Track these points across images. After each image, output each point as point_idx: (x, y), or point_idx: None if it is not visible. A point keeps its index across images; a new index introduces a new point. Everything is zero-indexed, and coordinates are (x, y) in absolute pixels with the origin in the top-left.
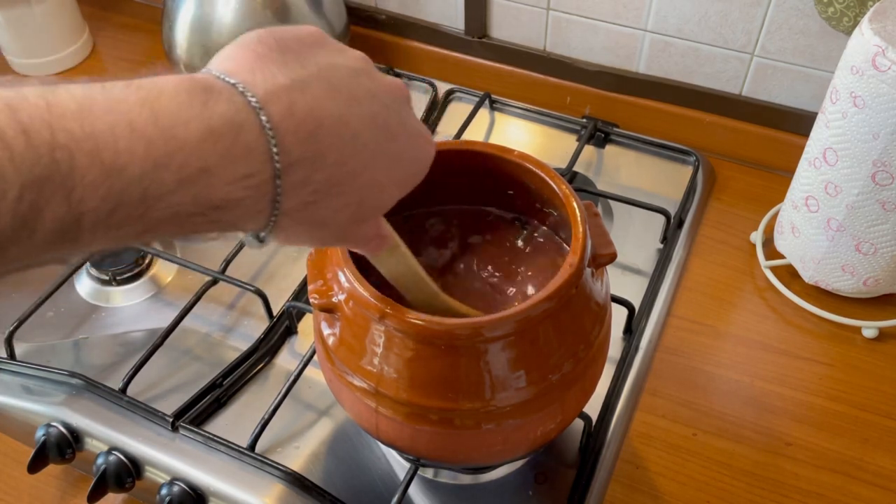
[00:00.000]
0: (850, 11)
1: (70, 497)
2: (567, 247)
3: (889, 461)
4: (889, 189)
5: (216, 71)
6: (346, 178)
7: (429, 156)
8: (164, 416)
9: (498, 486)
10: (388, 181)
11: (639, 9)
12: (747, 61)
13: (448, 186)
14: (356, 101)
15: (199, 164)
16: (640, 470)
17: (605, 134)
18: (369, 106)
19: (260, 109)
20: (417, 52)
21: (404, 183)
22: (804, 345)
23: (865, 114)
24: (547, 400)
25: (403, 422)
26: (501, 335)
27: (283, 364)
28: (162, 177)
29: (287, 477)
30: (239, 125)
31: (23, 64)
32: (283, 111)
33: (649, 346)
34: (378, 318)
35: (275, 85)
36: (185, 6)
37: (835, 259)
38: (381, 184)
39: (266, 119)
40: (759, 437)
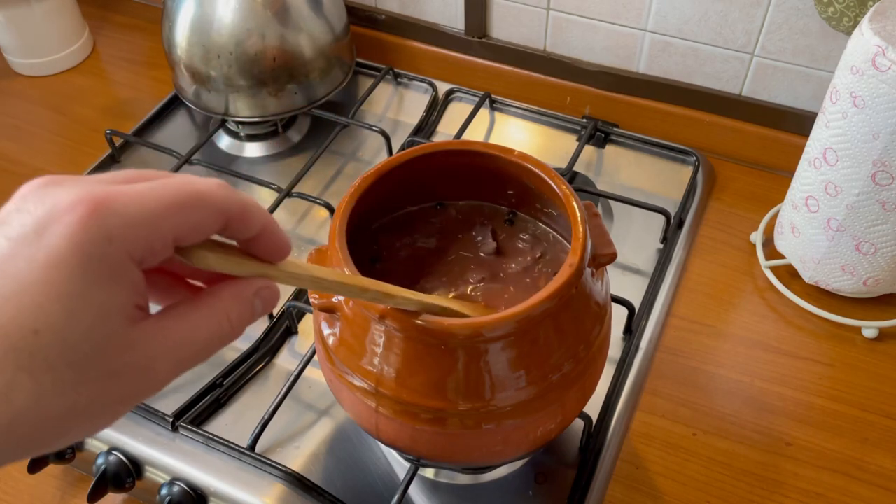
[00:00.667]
0: (850, 11)
1: (70, 497)
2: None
3: (889, 461)
4: (889, 189)
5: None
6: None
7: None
8: (164, 416)
9: (498, 486)
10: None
11: (639, 9)
12: (747, 61)
13: (448, 186)
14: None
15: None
16: (640, 470)
17: (605, 134)
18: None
19: None
20: (417, 52)
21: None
22: (804, 345)
23: (865, 114)
24: (547, 400)
25: (403, 422)
26: (501, 335)
27: (283, 364)
28: None
29: (287, 477)
30: None
31: (23, 64)
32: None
33: (649, 346)
34: (378, 318)
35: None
36: (185, 6)
37: (835, 259)
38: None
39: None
40: (759, 437)
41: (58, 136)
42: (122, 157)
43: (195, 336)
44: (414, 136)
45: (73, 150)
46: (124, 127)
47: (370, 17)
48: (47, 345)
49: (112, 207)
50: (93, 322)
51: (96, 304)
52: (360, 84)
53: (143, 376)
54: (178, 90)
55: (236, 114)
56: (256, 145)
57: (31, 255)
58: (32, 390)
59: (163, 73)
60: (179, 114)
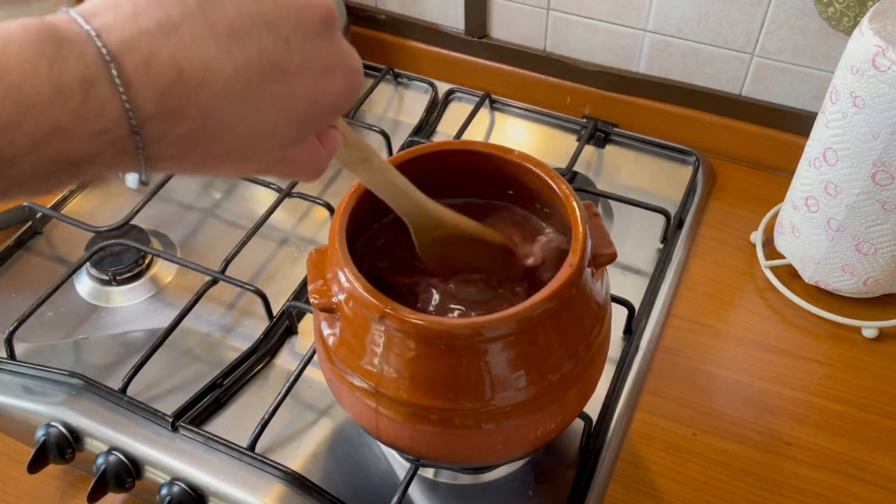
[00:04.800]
0: (850, 11)
1: (70, 497)
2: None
3: (889, 461)
4: (889, 189)
5: (76, 11)
6: (212, 130)
7: (345, 87)
8: (164, 416)
9: (498, 486)
10: (281, 123)
11: (639, 9)
12: (747, 61)
13: (448, 186)
14: (237, 39)
15: (52, 125)
16: (640, 470)
17: (605, 134)
18: (257, 42)
19: (111, 62)
20: (417, 52)
21: (313, 120)
22: (804, 345)
23: (865, 114)
24: (547, 400)
25: (403, 422)
26: (501, 335)
27: (283, 364)
28: (15, 138)
29: (287, 477)
30: (90, 81)
31: None
32: (138, 63)
33: (649, 346)
34: (378, 318)
35: (135, 29)
36: None
37: (835, 259)
38: (270, 129)
39: (117, 74)
40: (759, 437)
41: None
42: None
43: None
44: (414, 136)
45: None
46: None
47: (370, 17)
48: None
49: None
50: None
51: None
52: None
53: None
54: None
55: None
56: None
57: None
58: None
59: None
60: None
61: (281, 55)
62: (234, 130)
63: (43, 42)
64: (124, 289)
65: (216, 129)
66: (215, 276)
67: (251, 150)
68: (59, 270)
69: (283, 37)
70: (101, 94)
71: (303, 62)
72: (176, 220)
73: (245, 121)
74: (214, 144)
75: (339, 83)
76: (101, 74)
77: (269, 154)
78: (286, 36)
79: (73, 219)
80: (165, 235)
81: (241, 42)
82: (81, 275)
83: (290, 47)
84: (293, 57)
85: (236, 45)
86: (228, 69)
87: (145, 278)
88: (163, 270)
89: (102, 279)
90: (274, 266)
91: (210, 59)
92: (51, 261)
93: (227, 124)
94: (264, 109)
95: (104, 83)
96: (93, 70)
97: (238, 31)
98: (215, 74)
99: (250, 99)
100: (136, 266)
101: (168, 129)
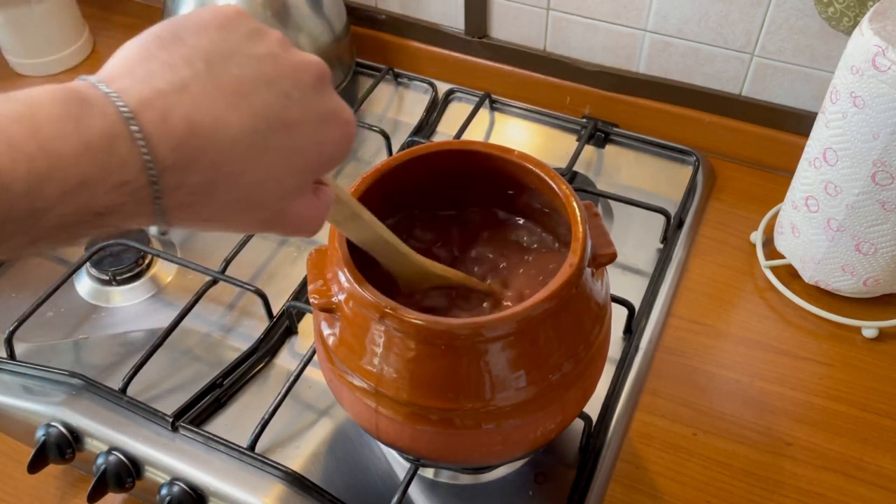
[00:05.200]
0: (850, 11)
1: (70, 497)
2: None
3: (889, 461)
4: (889, 189)
5: (95, 78)
6: (224, 180)
7: (341, 137)
8: (164, 416)
9: (498, 486)
10: (285, 173)
11: (639, 9)
12: (747, 61)
13: (448, 186)
14: (243, 95)
15: (79, 178)
16: (640, 470)
17: (605, 134)
18: (260, 98)
19: (131, 119)
20: (417, 52)
21: (312, 169)
22: (804, 345)
23: (865, 114)
24: (547, 400)
25: (403, 422)
26: (501, 335)
27: (283, 364)
28: (46, 191)
29: (287, 477)
30: (113, 137)
31: (23, 64)
32: (155, 119)
33: (649, 346)
34: (378, 318)
35: (151, 90)
36: (185, 6)
37: (835, 259)
38: (275, 177)
39: (137, 129)
40: (759, 437)
41: None
42: None
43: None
44: (414, 136)
45: None
46: None
47: (370, 17)
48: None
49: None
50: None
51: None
52: (360, 84)
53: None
54: None
55: None
56: None
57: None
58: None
59: None
60: None
61: (282, 108)
62: (243, 178)
63: (69, 103)
64: (124, 289)
65: (226, 177)
66: (215, 276)
67: (258, 197)
68: (59, 270)
69: (283, 92)
70: (122, 148)
71: (302, 114)
72: None
73: (252, 169)
74: (225, 192)
75: (335, 133)
76: (122, 131)
77: (274, 203)
78: (286, 91)
79: None
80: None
81: (246, 98)
82: (81, 275)
83: (290, 101)
84: (293, 110)
85: (242, 101)
86: (236, 122)
87: (145, 278)
88: (163, 270)
89: (102, 279)
90: (274, 266)
91: (219, 113)
92: (51, 261)
93: (237, 173)
94: (269, 158)
95: (125, 139)
96: (115, 127)
97: (243, 89)
98: (224, 127)
99: (256, 149)
100: (136, 266)
101: (183, 179)
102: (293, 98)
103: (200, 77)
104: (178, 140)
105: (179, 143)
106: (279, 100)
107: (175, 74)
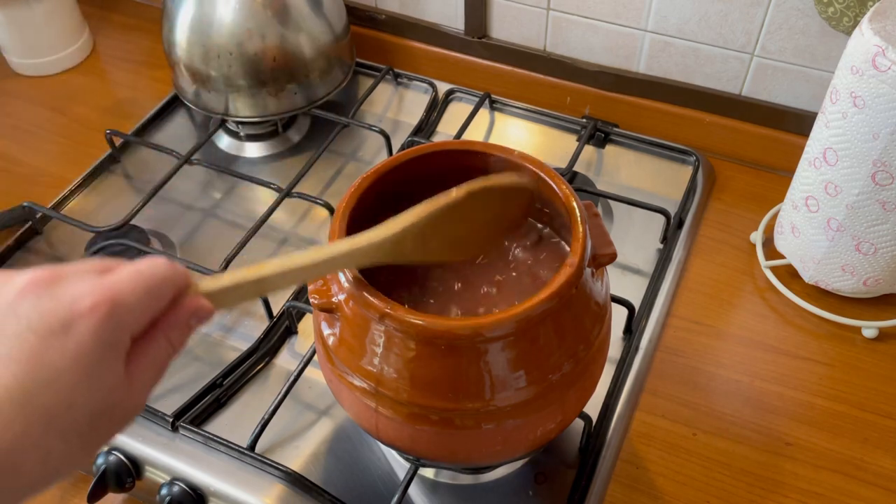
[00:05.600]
0: (850, 11)
1: (70, 497)
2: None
3: (889, 461)
4: (889, 189)
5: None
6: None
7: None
8: (164, 416)
9: (498, 486)
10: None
11: (639, 9)
12: (747, 61)
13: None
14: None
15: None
16: (640, 470)
17: (605, 134)
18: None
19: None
20: (417, 52)
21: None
22: (804, 345)
23: (865, 114)
24: (547, 400)
25: (403, 422)
26: (501, 335)
27: (283, 364)
28: None
29: (287, 477)
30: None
31: (23, 64)
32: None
33: (649, 346)
34: (378, 318)
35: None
36: (185, 6)
37: (835, 259)
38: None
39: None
40: (759, 437)
41: (58, 136)
42: (122, 157)
43: (156, 367)
44: (414, 136)
45: (73, 150)
46: (124, 127)
47: (370, 17)
48: (78, 415)
49: (120, 302)
50: (109, 388)
51: (111, 375)
52: (360, 84)
53: (135, 410)
54: (177, 90)
55: (236, 114)
56: (256, 145)
57: (62, 347)
58: (63, 451)
59: (163, 73)
60: (179, 114)
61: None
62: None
63: None
64: None
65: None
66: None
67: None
68: None
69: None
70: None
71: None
72: (176, 220)
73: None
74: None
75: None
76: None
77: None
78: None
79: (73, 219)
80: (165, 235)
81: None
82: None
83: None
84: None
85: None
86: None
87: None
88: None
89: None
90: None
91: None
92: (51, 261)
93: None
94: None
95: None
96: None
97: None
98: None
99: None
100: None
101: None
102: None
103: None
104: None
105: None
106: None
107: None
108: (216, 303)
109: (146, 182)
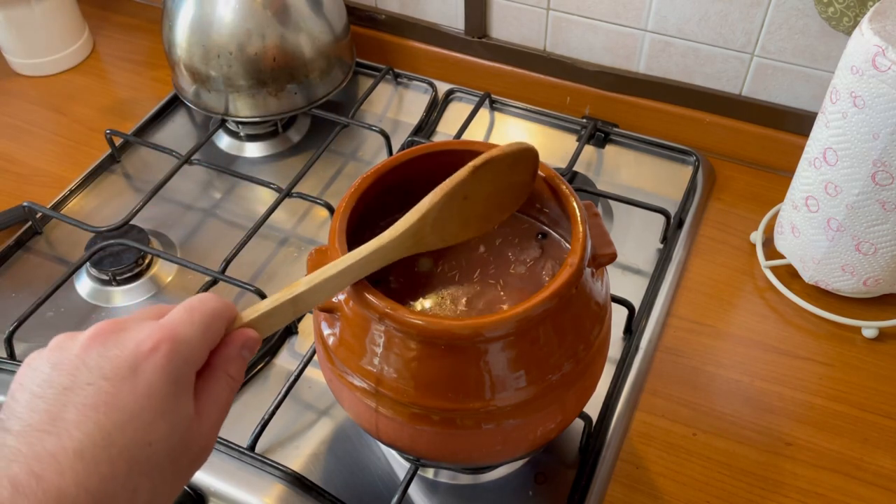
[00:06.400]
0: (850, 11)
1: None
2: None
3: (889, 461)
4: (889, 189)
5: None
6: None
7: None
8: None
9: (498, 486)
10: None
11: (639, 9)
12: (747, 61)
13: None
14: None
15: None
16: (640, 470)
17: (605, 134)
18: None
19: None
20: (417, 52)
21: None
22: (804, 345)
23: (865, 114)
24: (547, 400)
25: (403, 422)
26: (501, 335)
27: (283, 364)
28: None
29: (287, 477)
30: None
31: (23, 64)
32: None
33: (649, 346)
34: (378, 318)
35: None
36: (185, 6)
37: (835, 259)
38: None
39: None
40: (759, 437)
41: (58, 136)
42: (122, 157)
43: (221, 401)
44: (414, 136)
45: (73, 150)
46: (124, 127)
47: (370, 17)
48: (158, 452)
49: (179, 338)
50: (182, 423)
51: (182, 409)
52: (360, 84)
53: (207, 446)
54: (177, 90)
55: (236, 114)
56: (256, 145)
57: (133, 389)
58: (149, 488)
59: (163, 73)
60: (179, 114)
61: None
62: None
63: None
64: (124, 289)
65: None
66: (215, 276)
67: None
68: (59, 270)
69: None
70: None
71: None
72: (176, 220)
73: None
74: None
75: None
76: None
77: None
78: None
79: (73, 219)
80: (165, 235)
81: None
82: (81, 275)
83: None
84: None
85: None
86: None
87: (145, 278)
88: (163, 270)
89: (102, 279)
90: (274, 266)
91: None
92: (51, 261)
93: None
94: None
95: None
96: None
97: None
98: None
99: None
100: (136, 266)
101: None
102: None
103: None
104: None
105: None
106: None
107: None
108: (259, 330)
109: (146, 182)
